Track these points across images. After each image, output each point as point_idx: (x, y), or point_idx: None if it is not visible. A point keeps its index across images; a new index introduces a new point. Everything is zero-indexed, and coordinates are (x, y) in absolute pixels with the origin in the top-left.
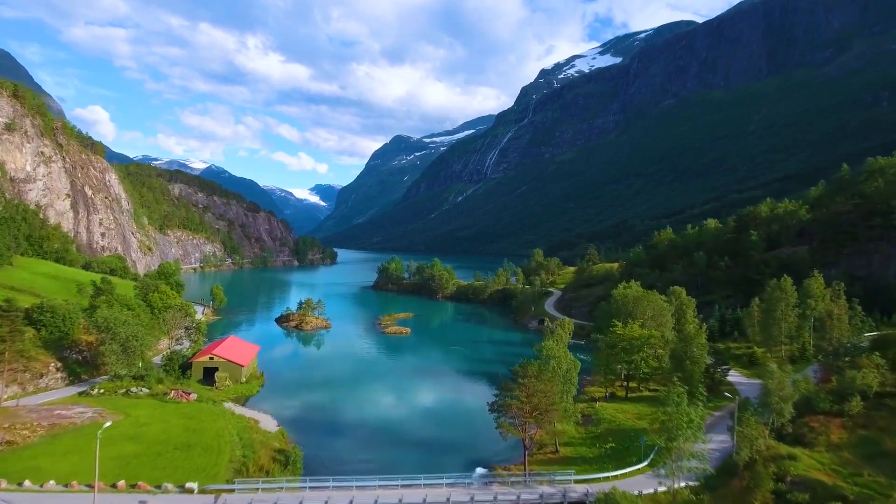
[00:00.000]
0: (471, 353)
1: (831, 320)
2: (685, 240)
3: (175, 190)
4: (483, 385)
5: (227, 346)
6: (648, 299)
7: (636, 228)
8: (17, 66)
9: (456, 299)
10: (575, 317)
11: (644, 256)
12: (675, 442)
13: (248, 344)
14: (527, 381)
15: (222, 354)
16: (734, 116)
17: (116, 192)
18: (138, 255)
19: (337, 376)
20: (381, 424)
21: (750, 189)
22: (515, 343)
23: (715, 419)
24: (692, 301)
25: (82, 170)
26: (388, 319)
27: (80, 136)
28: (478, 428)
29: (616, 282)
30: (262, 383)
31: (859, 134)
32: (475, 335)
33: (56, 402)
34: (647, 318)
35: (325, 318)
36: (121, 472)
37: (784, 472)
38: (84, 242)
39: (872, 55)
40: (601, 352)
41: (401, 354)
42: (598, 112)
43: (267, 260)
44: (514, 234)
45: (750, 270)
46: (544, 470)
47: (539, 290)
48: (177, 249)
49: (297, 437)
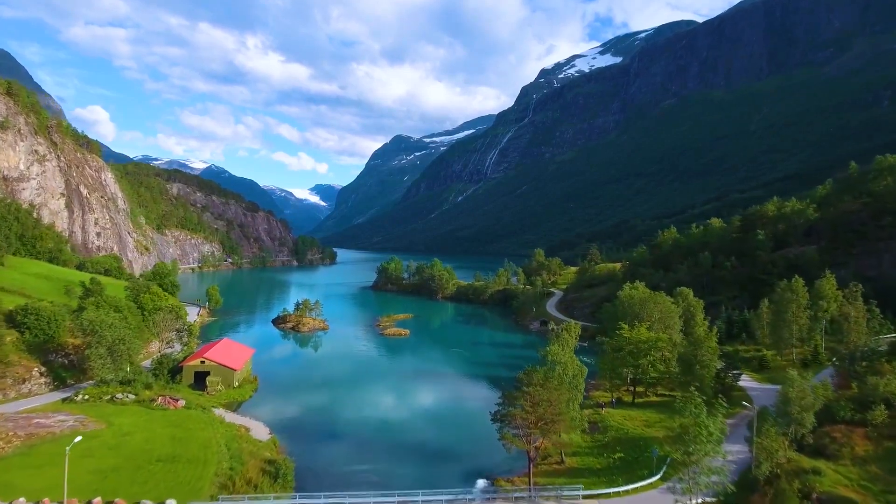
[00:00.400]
0: (471, 356)
1: (848, 323)
2: (690, 239)
3: (173, 189)
4: (484, 389)
5: (220, 349)
6: (655, 301)
7: (637, 228)
8: (17, 65)
9: (456, 300)
10: (577, 318)
11: (648, 256)
12: (692, 457)
13: (241, 346)
14: (531, 389)
15: (214, 358)
16: (735, 116)
17: (112, 191)
18: (135, 255)
19: (333, 380)
20: (378, 431)
21: (751, 189)
22: (517, 345)
23: (728, 427)
24: (700, 303)
25: (77, 168)
26: (387, 320)
27: (75, 134)
28: (479, 435)
29: (619, 282)
30: (256, 387)
31: (860, 134)
32: (476, 337)
33: (37, 410)
34: (654, 320)
35: (322, 320)
36: (98, 486)
37: (809, 488)
38: (79, 242)
39: (873, 55)
40: (607, 355)
41: (399, 357)
42: (598, 112)
43: (266, 260)
44: (515, 234)
45: (757, 271)
46: (550, 483)
47: (540, 291)
48: (175, 249)
49: (290, 445)
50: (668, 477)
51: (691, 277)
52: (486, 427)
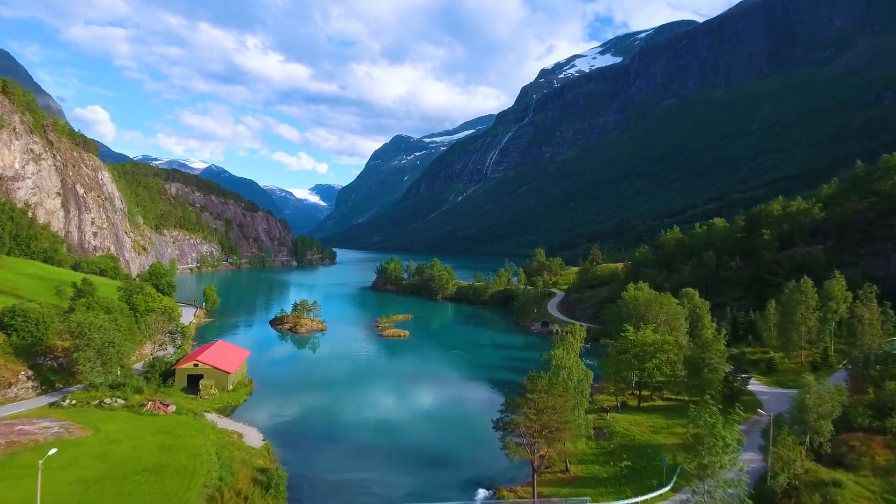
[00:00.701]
0: (472, 358)
1: (862, 325)
2: (693, 239)
3: (172, 189)
4: (485, 392)
5: (214, 351)
6: (661, 302)
7: (638, 228)
8: (17, 65)
9: (456, 300)
10: (579, 319)
11: (651, 256)
12: (707, 470)
13: (236, 349)
14: (535, 395)
15: (207, 361)
16: (735, 116)
17: (110, 190)
18: (132, 255)
19: (330, 383)
20: (375, 436)
21: (752, 189)
22: (518, 347)
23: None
24: (706, 304)
25: (74, 168)
26: (386, 321)
27: (72, 133)
28: (480, 440)
29: (621, 283)
30: (251, 391)
31: (862, 133)
32: (476, 338)
33: (22, 415)
34: (659, 322)
35: (320, 321)
36: (80, 498)
37: (831, 501)
38: (75, 242)
39: (874, 54)
40: (611, 358)
41: (399, 358)
42: (598, 111)
43: (265, 260)
44: (515, 233)
45: (762, 271)
46: (555, 494)
47: (542, 292)
48: (173, 249)
49: (285, 452)
50: (680, 488)
51: (695, 278)
52: (488, 432)
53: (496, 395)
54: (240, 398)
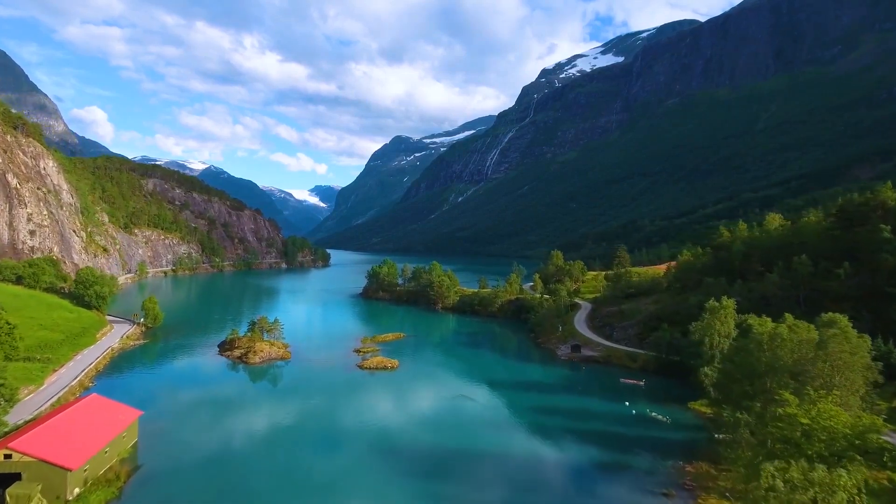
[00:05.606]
0: (485, 408)
1: None
2: (775, 238)
3: (149, 185)
4: (513, 491)
5: (59, 423)
6: (838, 341)
7: (646, 229)
8: (13, 64)
9: (459, 311)
10: (618, 340)
11: (709, 261)
12: None
13: (116, 410)
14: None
15: (27, 449)
16: (741, 115)
17: (55, 182)
18: (83, 257)
19: (265, 464)
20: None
21: (764, 188)
22: (548, 385)
23: None
24: (866, 339)
25: (6, 154)
26: (371, 343)
27: (6, 114)
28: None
29: (672, 293)
30: (121, 487)
31: (874, 131)
32: (489, 371)
33: None
34: (826, 378)
35: (283, 343)
36: None
37: None
38: (5, 242)
39: (882, 52)
40: (740, 445)
41: (379, 410)
42: (600, 111)
43: (251, 262)
44: (516, 234)
45: (881, 280)
46: None
47: (565, 303)
48: (145, 250)
49: None
50: None
51: (782, 291)
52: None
53: (529, 494)
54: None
